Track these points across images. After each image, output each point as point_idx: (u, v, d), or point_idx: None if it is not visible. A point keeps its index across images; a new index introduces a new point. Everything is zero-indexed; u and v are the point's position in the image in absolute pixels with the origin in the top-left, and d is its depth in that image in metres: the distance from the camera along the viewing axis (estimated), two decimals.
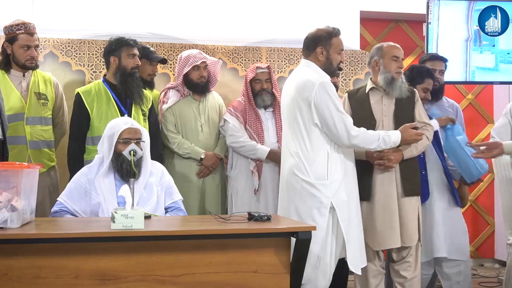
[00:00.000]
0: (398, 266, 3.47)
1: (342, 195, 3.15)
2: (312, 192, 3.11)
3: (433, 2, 4.71)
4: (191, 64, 3.91)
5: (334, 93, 3.15)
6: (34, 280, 2.33)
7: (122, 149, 3.00)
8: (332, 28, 3.27)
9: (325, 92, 3.11)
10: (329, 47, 3.23)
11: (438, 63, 4.07)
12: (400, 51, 3.50)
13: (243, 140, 3.86)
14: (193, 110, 3.98)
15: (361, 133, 3.17)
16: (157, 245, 2.44)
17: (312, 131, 3.14)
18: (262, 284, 2.53)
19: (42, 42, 4.08)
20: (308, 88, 3.13)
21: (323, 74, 3.21)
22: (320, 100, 3.10)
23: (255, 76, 3.95)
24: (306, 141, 3.14)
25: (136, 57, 3.68)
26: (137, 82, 3.66)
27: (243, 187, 3.90)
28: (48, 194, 3.71)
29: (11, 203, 2.36)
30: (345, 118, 3.13)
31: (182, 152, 3.88)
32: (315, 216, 3.09)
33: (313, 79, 3.14)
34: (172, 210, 3.12)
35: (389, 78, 3.44)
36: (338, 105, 3.14)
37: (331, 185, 3.12)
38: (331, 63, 3.25)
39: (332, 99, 3.11)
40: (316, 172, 3.12)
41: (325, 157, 3.14)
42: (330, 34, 3.24)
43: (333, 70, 3.28)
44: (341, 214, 3.13)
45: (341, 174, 3.16)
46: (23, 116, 3.63)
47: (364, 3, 5.00)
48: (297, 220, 3.06)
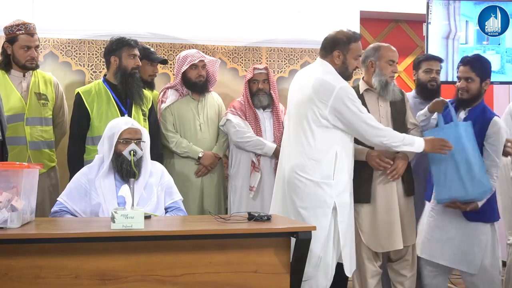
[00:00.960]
0: (397, 266, 3.48)
1: (346, 196, 3.15)
2: (316, 191, 3.11)
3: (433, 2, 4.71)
4: (189, 62, 3.91)
5: (355, 96, 3.16)
6: (34, 280, 2.33)
7: (122, 149, 2.99)
8: (353, 33, 3.25)
9: (346, 96, 3.10)
10: (346, 52, 3.21)
11: (434, 63, 4.04)
12: (396, 55, 3.50)
13: (249, 136, 3.87)
14: (192, 109, 3.98)
15: (387, 129, 3.20)
16: (157, 245, 2.44)
17: (323, 131, 3.13)
18: (262, 284, 2.53)
19: (42, 42, 4.07)
20: (328, 90, 3.10)
21: (340, 78, 3.19)
22: (342, 104, 3.09)
23: (253, 77, 3.97)
24: (315, 140, 3.13)
25: (136, 57, 3.68)
26: (137, 82, 3.66)
27: (241, 185, 3.91)
28: (48, 194, 3.71)
29: (11, 203, 2.36)
30: (368, 117, 3.15)
31: (180, 151, 3.89)
32: (318, 216, 3.08)
33: (333, 82, 3.12)
34: (172, 210, 3.12)
35: (384, 81, 3.45)
36: (360, 107, 3.14)
37: (336, 185, 3.12)
38: (347, 68, 3.23)
39: (354, 102, 3.11)
40: (322, 172, 3.12)
41: (333, 157, 3.13)
42: (349, 39, 3.22)
43: (348, 74, 3.26)
44: (341, 216, 3.13)
45: (347, 176, 3.17)
46: (23, 117, 3.62)
47: (364, 3, 5.00)
48: (297, 219, 3.06)
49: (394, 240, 3.35)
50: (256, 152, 3.87)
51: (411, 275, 3.48)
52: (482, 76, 3.48)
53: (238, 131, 3.88)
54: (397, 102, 3.51)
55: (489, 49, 4.61)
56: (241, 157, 3.93)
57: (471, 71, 3.47)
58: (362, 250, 3.39)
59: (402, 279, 3.46)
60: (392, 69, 3.46)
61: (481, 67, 3.49)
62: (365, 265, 3.40)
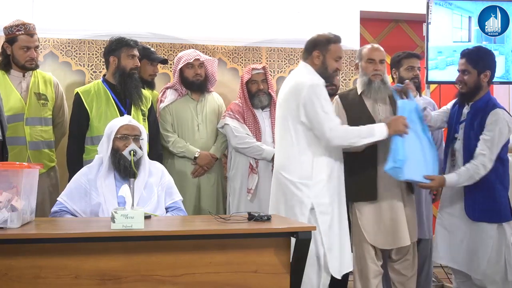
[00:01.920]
0: (398, 265, 3.48)
1: (324, 197, 3.15)
2: (294, 192, 3.15)
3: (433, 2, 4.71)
4: (184, 61, 3.93)
5: (324, 96, 3.17)
6: (34, 280, 2.33)
7: (119, 145, 3.00)
8: (333, 35, 3.29)
9: (314, 93, 3.13)
10: (325, 52, 3.26)
11: (414, 60, 4.01)
12: (377, 54, 3.49)
13: (248, 141, 3.87)
14: (190, 109, 3.98)
15: (344, 130, 3.17)
16: (157, 245, 2.44)
17: (299, 130, 3.17)
18: (262, 284, 2.53)
19: (42, 42, 4.08)
20: (299, 89, 3.16)
21: (317, 77, 3.23)
22: (309, 100, 3.13)
23: (251, 78, 3.97)
24: (294, 141, 3.18)
25: (135, 58, 3.68)
26: (136, 83, 3.65)
27: (240, 187, 3.91)
28: (48, 194, 3.71)
29: (11, 203, 2.36)
30: (330, 119, 3.14)
31: (177, 150, 3.89)
32: (297, 216, 3.11)
33: (305, 81, 3.18)
34: (172, 210, 3.12)
35: (366, 80, 3.47)
36: (325, 106, 3.15)
37: (314, 186, 3.13)
38: (326, 68, 3.26)
39: (319, 100, 3.13)
40: (301, 172, 3.15)
41: (310, 158, 3.16)
42: (329, 40, 3.27)
43: (328, 75, 3.29)
44: (320, 217, 3.13)
45: (325, 176, 3.17)
46: (22, 117, 3.63)
47: (364, 3, 5.00)
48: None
49: (400, 237, 3.36)
50: (255, 158, 3.87)
51: (411, 275, 3.48)
52: (479, 68, 3.39)
53: (237, 136, 3.88)
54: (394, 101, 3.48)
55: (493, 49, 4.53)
56: (240, 160, 3.94)
57: (467, 63, 3.41)
58: (364, 250, 3.40)
59: (403, 279, 3.47)
60: (373, 67, 3.46)
61: (478, 59, 3.41)
62: (368, 265, 3.40)
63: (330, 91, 3.72)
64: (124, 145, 2.99)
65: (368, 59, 3.48)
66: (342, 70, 3.38)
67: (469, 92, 3.43)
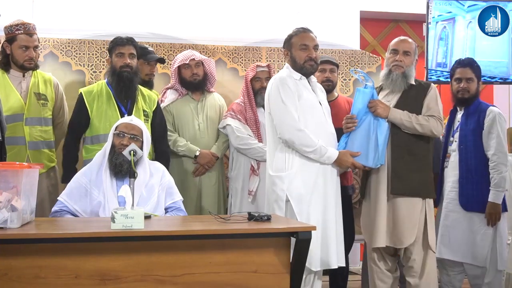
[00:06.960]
0: (405, 271, 3.43)
1: (298, 188, 3.16)
2: (271, 186, 3.21)
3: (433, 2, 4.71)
4: (180, 61, 3.95)
5: (286, 89, 3.21)
6: (34, 280, 2.33)
7: (115, 142, 3.01)
8: (296, 29, 3.37)
9: (276, 86, 3.23)
10: (290, 47, 3.34)
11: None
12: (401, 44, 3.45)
13: (250, 142, 3.86)
14: (191, 109, 3.98)
15: (300, 132, 3.16)
16: (157, 245, 2.44)
17: (272, 125, 3.26)
18: (262, 284, 2.53)
19: (42, 42, 4.07)
20: (269, 84, 3.33)
21: (289, 72, 3.30)
22: (273, 92, 3.24)
23: (256, 75, 3.97)
24: (271, 136, 3.28)
25: (125, 55, 3.61)
26: (126, 82, 3.59)
27: (241, 188, 3.90)
28: (48, 194, 3.70)
29: (11, 203, 2.36)
30: (288, 111, 3.17)
31: (177, 149, 3.89)
32: (275, 210, 3.15)
33: (275, 77, 3.30)
34: (172, 210, 3.11)
35: (386, 71, 3.49)
36: (284, 98, 3.19)
37: (286, 177, 3.17)
38: (295, 61, 3.31)
39: (279, 93, 3.20)
40: (276, 166, 3.23)
41: (282, 150, 3.22)
42: (290, 36, 3.37)
43: (301, 67, 3.30)
44: (296, 207, 3.14)
45: (297, 166, 3.18)
46: (22, 117, 3.62)
47: (364, 3, 5.01)
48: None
49: (376, 238, 3.32)
50: (256, 159, 3.87)
51: (415, 284, 3.35)
52: (478, 77, 3.75)
53: (239, 137, 3.87)
54: (411, 92, 3.42)
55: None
56: (242, 160, 3.92)
57: (471, 72, 3.70)
58: (370, 249, 3.41)
59: (407, 286, 3.42)
60: (394, 57, 3.44)
61: (478, 69, 3.75)
62: (372, 266, 3.42)
63: (326, 87, 3.74)
64: (120, 142, 3.01)
65: (392, 49, 3.48)
66: (314, 55, 3.27)
67: (469, 98, 3.70)
